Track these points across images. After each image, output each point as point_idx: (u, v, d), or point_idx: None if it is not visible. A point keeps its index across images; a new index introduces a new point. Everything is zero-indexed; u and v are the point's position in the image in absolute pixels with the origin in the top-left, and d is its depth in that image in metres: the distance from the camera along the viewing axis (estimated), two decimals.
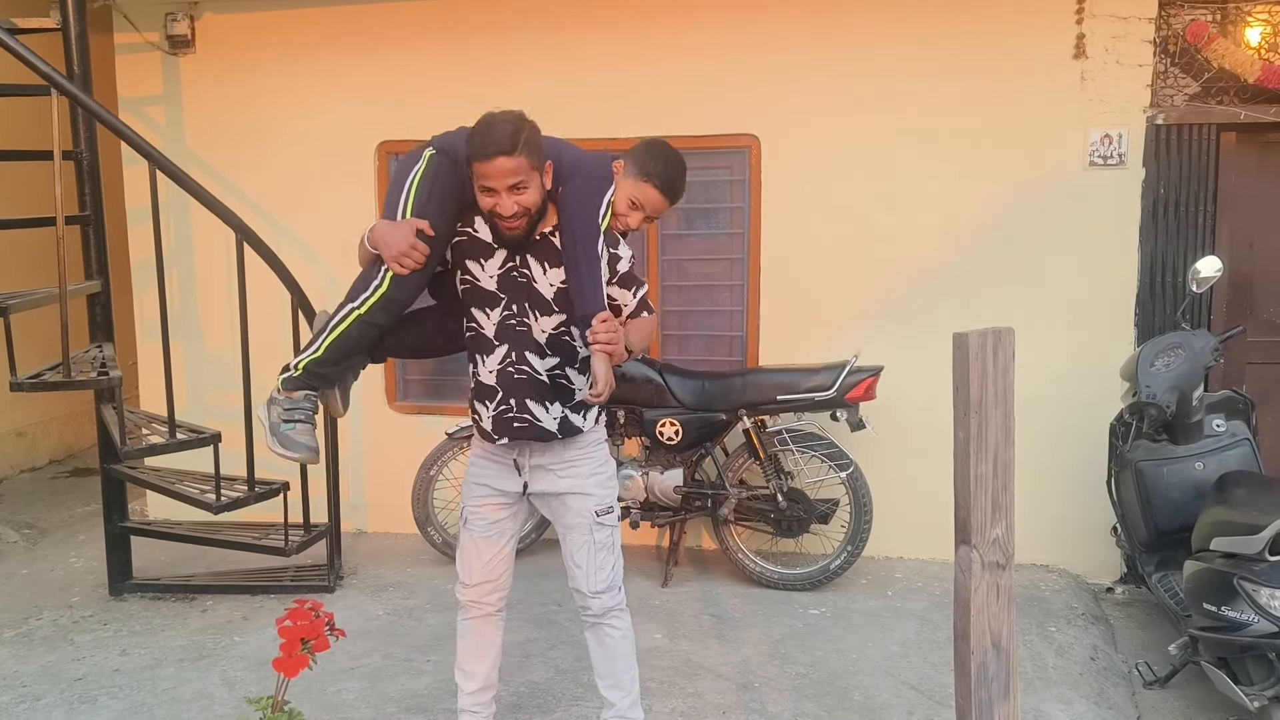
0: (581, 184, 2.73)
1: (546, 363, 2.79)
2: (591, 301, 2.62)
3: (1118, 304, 4.75)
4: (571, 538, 2.92)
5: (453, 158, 2.71)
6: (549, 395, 2.80)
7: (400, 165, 2.82)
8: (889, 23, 4.79)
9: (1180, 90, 4.67)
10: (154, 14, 5.35)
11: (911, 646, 4.06)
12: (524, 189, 2.57)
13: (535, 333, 2.77)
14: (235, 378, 4.40)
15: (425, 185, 2.71)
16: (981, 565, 1.92)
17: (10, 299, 4.02)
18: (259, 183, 5.41)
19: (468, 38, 5.16)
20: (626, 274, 2.84)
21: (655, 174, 2.88)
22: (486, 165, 2.52)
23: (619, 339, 2.58)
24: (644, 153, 2.91)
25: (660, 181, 2.89)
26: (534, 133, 2.58)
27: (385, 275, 2.69)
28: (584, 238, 2.66)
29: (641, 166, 2.88)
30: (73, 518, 5.86)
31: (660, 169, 2.88)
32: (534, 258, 2.74)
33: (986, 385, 1.90)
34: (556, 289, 2.74)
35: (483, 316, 2.79)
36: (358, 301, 2.73)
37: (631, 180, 2.87)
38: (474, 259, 2.77)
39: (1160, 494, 3.90)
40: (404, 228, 2.66)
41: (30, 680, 3.79)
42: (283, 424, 2.77)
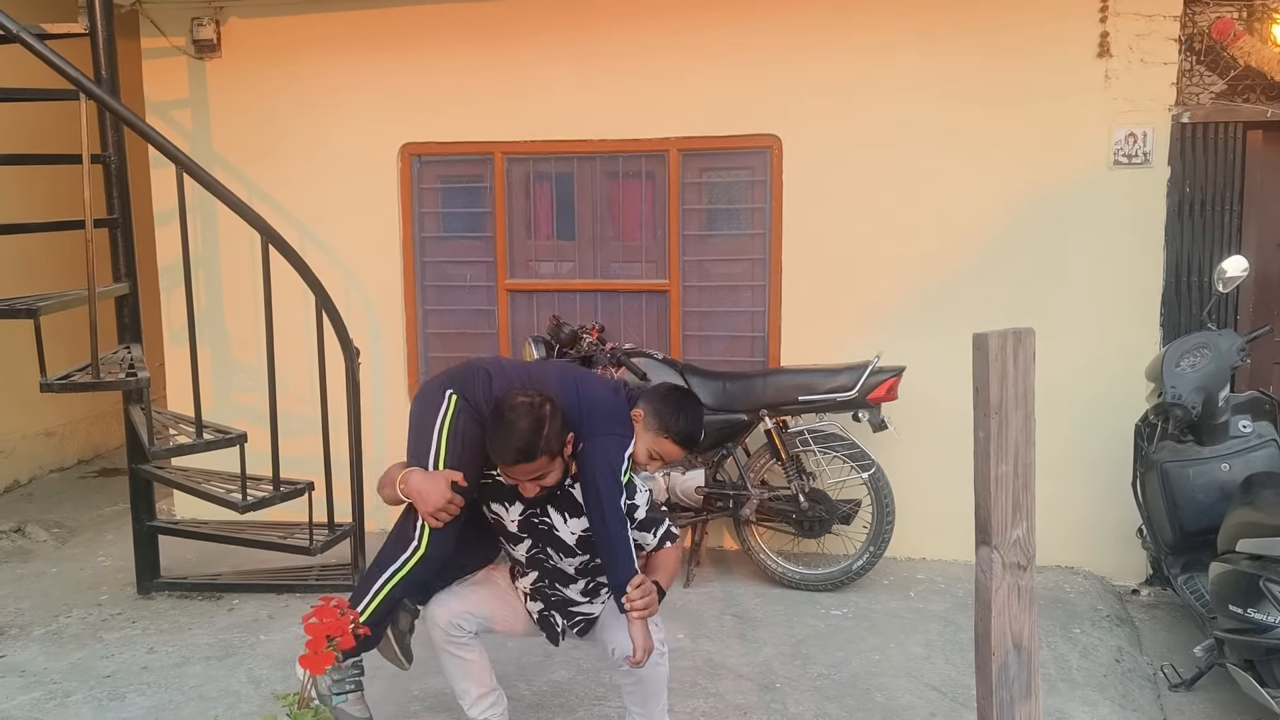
0: (603, 444, 2.74)
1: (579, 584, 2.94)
2: (624, 569, 2.66)
3: (1143, 304, 4.71)
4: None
5: (473, 402, 2.75)
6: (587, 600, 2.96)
7: (422, 406, 2.83)
8: (911, 22, 4.78)
9: (1206, 88, 4.64)
10: (180, 19, 5.41)
11: (934, 647, 4.05)
12: (546, 475, 2.64)
13: (563, 566, 2.88)
14: (261, 378, 4.45)
15: (455, 434, 2.74)
16: (1002, 566, 1.92)
17: (40, 301, 4.07)
18: (283, 185, 5.46)
19: (489, 40, 5.19)
20: (645, 519, 2.88)
21: (674, 430, 2.91)
22: (508, 468, 2.62)
23: (654, 600, 2.65)
24: (664, 407, 2.93)
25: (680, 437, 2.93)
26: (554, 422, 2.60)
27: (423, 534, 2.73)
28: (610, 505, 2.69)
29: (661, 421, 2.91)
30: (101, 517, 5.94)
31: (680, 425, 2.92)
32: (554, 509, 2.81)
33: (1007, 386, 1.90)
34: (578, 536, 2.81)
35: (510, 546, 2.91)
36: (398, 563, 2.77)
37: (651, 434, 2.91)
38: (498, 501, 2.86)
39: (1186, 495, 3.87)
40: (439, 481, 2.68)
41: (60, 677, 3.84)
42: (334, 696, 2.78)
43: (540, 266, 5.39)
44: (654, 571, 2.84)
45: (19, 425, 6.54)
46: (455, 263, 5.47)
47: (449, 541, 2.79)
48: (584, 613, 2.96)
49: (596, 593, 2.96)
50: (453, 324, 5.51)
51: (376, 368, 5.43)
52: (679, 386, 3.06)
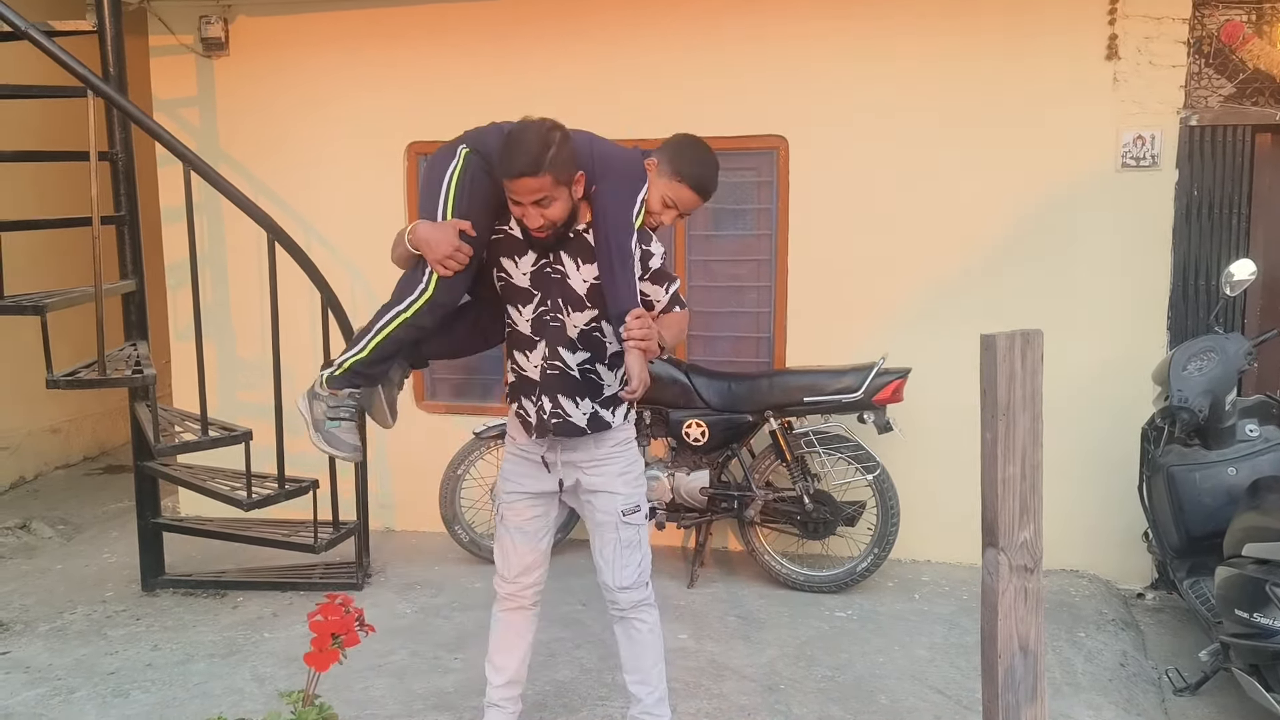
0: (615, 183, 2.73)
1: (578, 357, 2.82)
2: (625, 299, 2.63)
3: (1150, 307, 4.70)
4: (599, 534, 2.96)
5: (486, 156, 2.71)
6: (580, 391, 2.83)
7: (434, 163, 2.81)
8: (919, 23, 4.77)
9: (1214, 91, 4.62)
10: (188, 17, 5.42)
11: (939, 650, 4.04)
12: (549, 204, 2.58)
13: (568, 328, 2.80)
14: (266, 376, 4.45)
15: (464, 185, 2.71)
16: (1009, 568, 1.91)
17: (47, 298, 4.08)
18: (290, 183, 5.46)
19: (497, 39, 5.19)
20: (659, 270, 2.86)
21: (689, 173, 2.88)
22: (512, 183, 2.55)
23: (653, 335, 2.59)
24: (676, 151, 2.91)
25: (694, 180, 2.89)
26: (562, 147, 2.56)
27: (430, 278, 2.70)
28: (618, 237, 2.67)
29: (675, 165, 2.88)
30: (106, 514, 5.95)
31: (694, 168, 2.89)
32: (567, 255, 2.76)
33: (1014, 387, 1.89)
34: (589, 285, 2.76)
35: (517, 313, 2.83)
36: (404, 304, 2.74)
37: (665, 179, 2.88)
38: (509, 256, 2.80)
39: (1192, 499, 3.85)
40: (447, 229, 2.66)
41: (64, 674, 3.85)
42: (328, 421, 2.80)
43: None
44: (660, 327, 2.75)
45: (25, 422, 6.55)
46: None
47: (458, 290, 2.75)
48: (566, 411, 2.82)
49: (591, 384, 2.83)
50: None
51: None
52: (694, 136, 3.02)
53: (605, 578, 2.96)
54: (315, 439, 2.82)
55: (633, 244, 2.71)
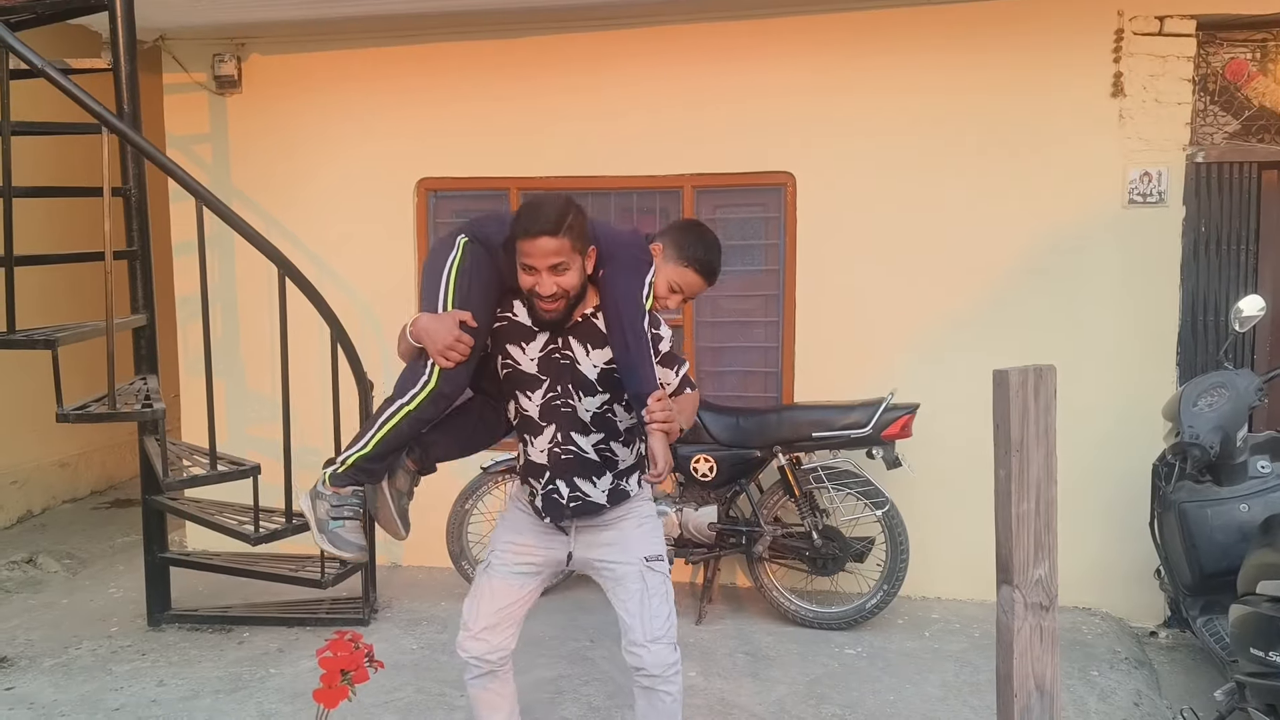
0: (624, 265, 2.73)
1: (591, 439, 2.79)
2: (646, 381, 2.60)
3: (1159, 343, 4.70)
4: (624, 588, 2.83)
5: (486, 244, 2.72)
6: (597, 470, 2.80)
7: (434, 254, 2.81)
8: (925, 62, 4.81)
9: (1220, 128, 4.65)
10: (202, 55, 5.49)
11: (950, 689, 4.00)
12: (565, 270, 2.57)
13: (580, 412, 2.77)
14: (275, 411, 4.46)
15: (464, 275, 2.70)
16: (1024, 606, 1.90)
17: (58, 332, 4.10)
18: (301, 219, 5.50)
19: (507, 78, 5.24)
20: (668, 354, 2.84)
21: (695, 259, 2.91)
22: (530, 243, 2.53)
23: (675, 416, 2.58)
24: (682, 236, 2.93)
25: (700, 265, 2.92)
26: (579, 217, 2.58)
27: (432, 370, 2.68)
28: (632, 319, 2.66)
29: (681, 251, 2.90)
30: (113, 548, 5.93)
31: (700, 254, 2.92)
32: (576, 339, 2.73)
33: (1028, 423, 1.88)
34: (600, 370, 2.73)
35: (526, 400, 2.79)
36: (407, 398, 2.71)
37: (671, 264, 2.90)
38: (514, 343, 2.77)
39: (1204, 536, 3.82)
40: (447, 320, 2.64)
41: (69, 709, 3.82)
42: (331, 521, 2.75)
43: None
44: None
45: (33, 455, 6.55)
46: None
47: (461, 380, 2.73)
48: (585, 492, 2.79)
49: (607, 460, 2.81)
50: None
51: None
52: (697, 219, 3.04)
53: (634, 634, 2.79)
54: (319, 539, 2.77)
55: (646, 325, 2.69)
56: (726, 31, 4.99)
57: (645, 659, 2.76)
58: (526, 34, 5.19)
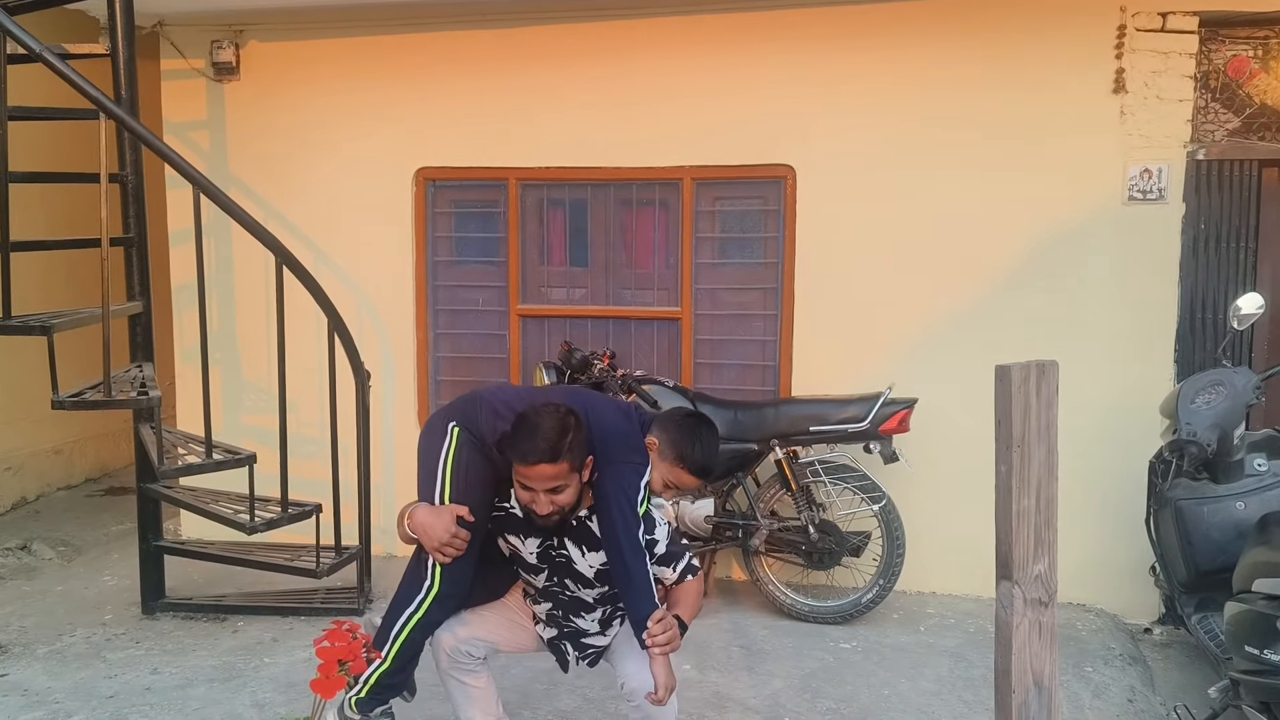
0: (619, 473, 2.69)
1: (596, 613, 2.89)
2: (644, 604, 2.60)
3: (1157, 340, 4.70)
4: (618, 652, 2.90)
5: (477, 434, 2.72)
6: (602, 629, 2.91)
7: (426, 441, 2.80)
8: (926, 55, 4.80)
9: (1221, 125, 4.65)
10: (200, 41, 5.46)
11: (945, 684, 4.00)
12: (562, 490, 2.57)
13: (581, 595, 2.84)
14: (271, 399, 4.44)
15: (459, 467, 2.71)
16: (1024, 602, 1.90)
17: (54, 319, 4.08)
18: (298, 207, 5.48)
19: (505, 67, 5.22)
20: (665, 553, 2.82)
21: (691, 459, 2.85)
22: (527, 470, 2.53)
23: (676, 636, 2.58)
24: (679, 435, 2.87)
25: (695, 467, 2.87)
26: (578, 433, 2.56)
27: (434, 572, 2.69)
28: (627, 537, 2.64)
29: (677, 450, 2.84)
30: (107, 536, 5.92)
31: (697, 454, 2.85)
32: (571, 542, 2.75)
33: (1030, 419, 1.88)
34: (596, 569, 2.76)
35: (529, 577, 2.85)
36: (413, 605, 2.73)
37: (667, 464, 2.85)
38: (514, 534, 2.81)
39: (1200, 533, 3.82)
40: (444, 516, 2.65)
41: (63, 697, 3.81)
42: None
43: (552, 292, 5.39)
44: (674, 605, 2.77)
45: (27, 442, 6.53)
46: (468, 287, 5.47)
47: (464, 579, 2.74)
48: (596, 645, 2.92)
49: (611, 622, 2.92)
50: (464, 348, 5.50)
51: (387, 391, 5.43)
52: (694, 412, 3.00)
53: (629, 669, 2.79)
54: None
55: (641, 534, 2.67)
56: (727, 24, 4.97)
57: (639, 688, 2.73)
58: (526, 24, 5.17)
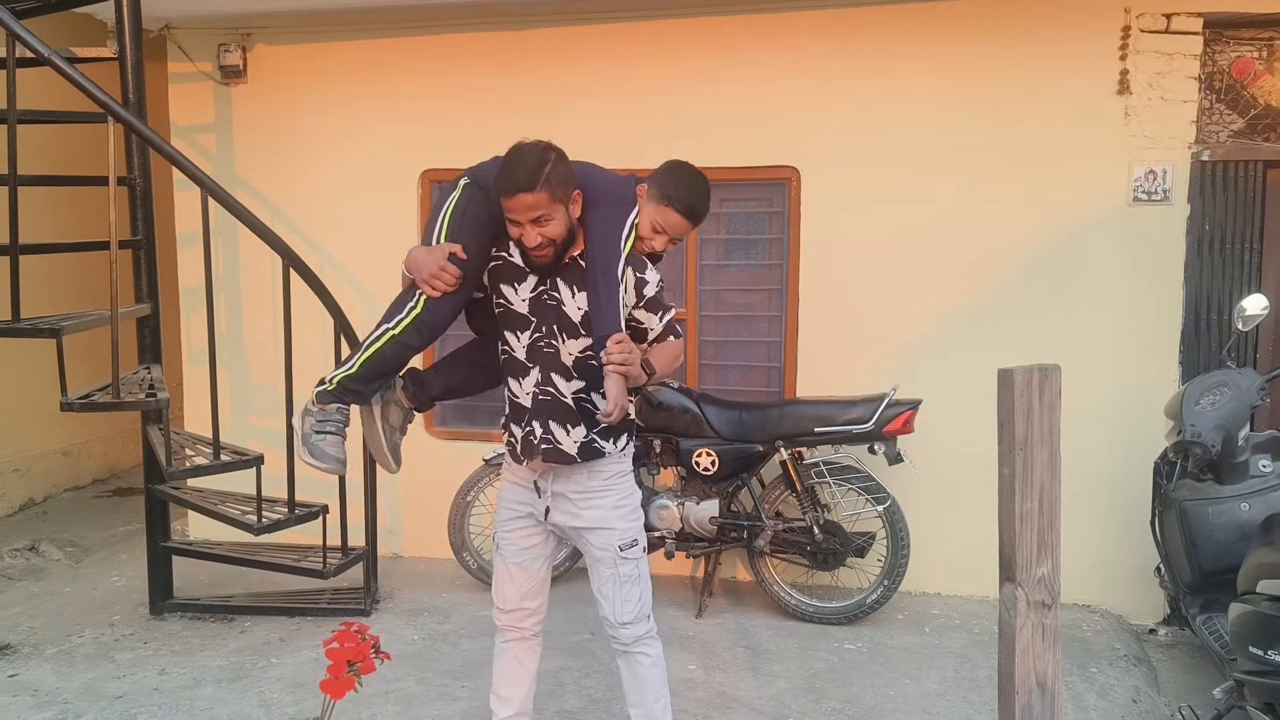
0: (606, 209, 2.75)
1: (572, 385, 2.81)
2: (608, 323, 2.63)
3: (1162, 341, 4.70)
4: (597, 570, 2.93)
5: (485, 186, 2.76)
6: (572, 418, 2.82)
7: (438, 198, 2.89)
8: (930, 57, 4.80)
9: (1226, 127, 4.65)
10: (207, 45, 5.49)
11: (950, 685, 4.01)
12: (547, 221, 2.59)
13: (563, 355, 2.80)
14: (278, 401, 4.46)
15: (459, 212, 2.78)
16: (1027, 604, 1.91)
17: (63, 321, 4.10)
18: (305, 209, 5.50)
19: (510, 69, 5.24)
20: (653, 298, 2.83)
21: (677, 197, 2.87)
22: (509, 200, 2.57)
23: (634, 359, 2.59)
24: (666, 176, 2.91)
25: (682, 205, 2.87)
26: (558, 165, 2.59)
27: (419, 298, 2.75)
28: (604, 262, 2.68)
29: (664, 190, 2.87)
30: (115, 536, 5.95)
31: (683, 193, 2.88)
32: (563, 282, 2.77)
33: (1032, 422, 1.89)
34: (584, 312, 2.76)
35: (514, 340, 2.84)
36: (392, 322, 2.78)
37: (654, 204, 2.87)
38: (507, 283, 2.82)
39: (1205, 534, 3.83)
40: (436, 252, 2.71)
41: (71, 697, 3.84)
42: (314, 434, 2.83)
43: None
44: (652, 356, 2.78)
45: (35, 444, 6.57)
46: None
47: (446, 312, 2.78)
48: (557, 438, 2.81)
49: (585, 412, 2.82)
50: None
51: None
52: (684, 161, 3.00)
53: (605, 613, 2.92)
54: (301, 452, 2.86)
55: (620, 269, 2.69)
56: (732, 26, 4.99)
57: (618, 633, 2.92)
58: (531, 26, 5.19)
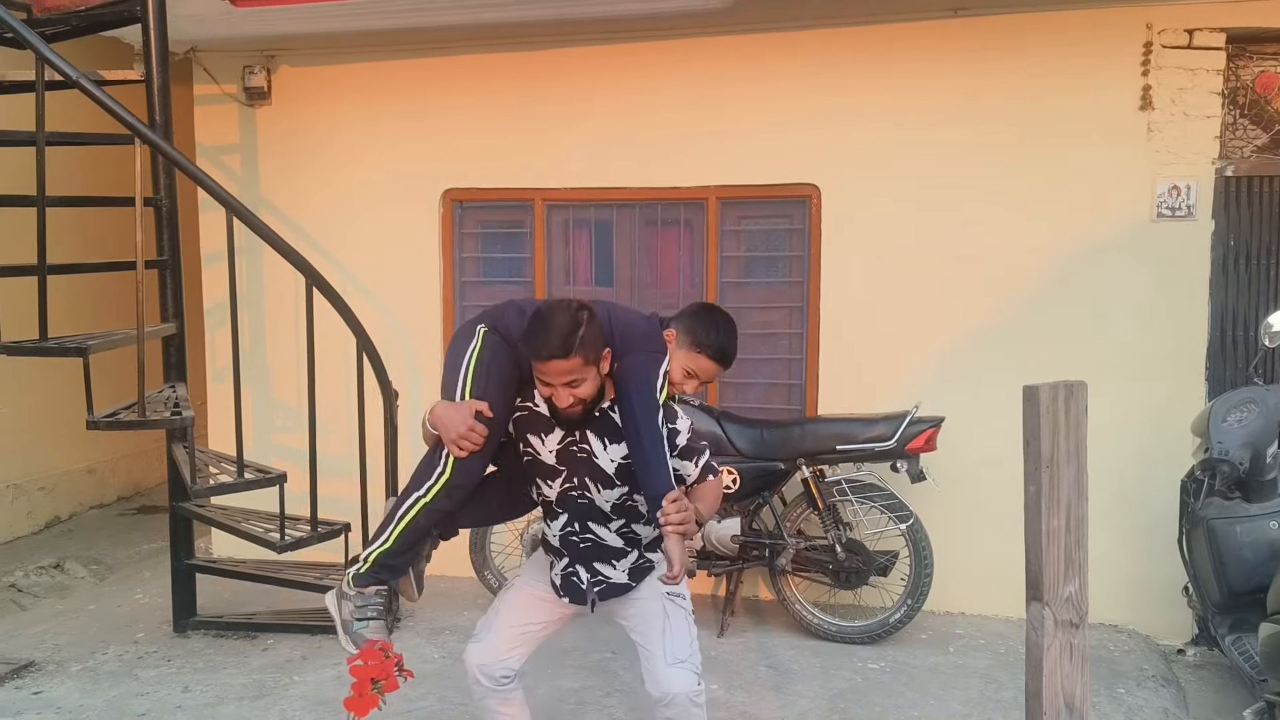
0: (637, 360, 2.70)
1: (613, 526, 2.81)
2: (661, 481, 2.58)
3: (1187, 358, 4.66)
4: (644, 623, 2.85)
5: (505, 335, 2.74)
6: (618, 554, 2.82)
7: (454, 343, 2.83)
8: (951, 72, 4.80)
9: (1250, 142, 4.62)
10: (232, 67, 5.55)
11: (974, 706, 3.97)
12: (580, 384, 2.58)
13: (598, 503, 2.78)
14: (301, 420, 4.48)
15: (482, 365, 2.73)
16: (1054, 623, 1.89)
17: (89, 340, 4.15)
18: (328, 229, 5.54)
19: (530, 90, 5.27)
20: (686, 446, 2.82)
21: (709, 344, 2.85)
22: (542, 365, 2.55)
23: (691, 517, 2.56)
24: (695, 321, 2.88)
25: (714, 351, 2.86)
26: (590, 326, 2.57)
27: (447, 461, 2.70)
28: (645, 418, 2.63)
29: (694, 336, 2.85)
30: (139, 554, 5.98)
31: (713, 338, 2.86)
32: (593, 434, 2.74)
33: (1059, 440, 1.88)
34: (618, 464, 2.74)
35: (545, 486, 2.82)
36: (423, 490, 2.74)
37: (685, 350, 2.85)
38: (534, 433, 2.78)
39: (1233, 553, 3.78)
40: (463, 409, 2.66)
41: (95, 715, 3.85)
42: (355, 622, 2.75)
43: None
44: (694, 501, 2.72)
45: (61, 462, 6.62)
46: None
47: (475, 472, 2.74)
48: (606, 575, 2.83)
49: (631, 543, 2.83)
50: None
51: (414, 411, 5.42)
52: (710, 304, 3.00)
53: (657, 659, 2.77)
54: (343, 641, 2.78)
55: (660, 422, 2.66)
56: (751, 44, 5.00)
57: (668, 685, 2.71)
58: (551, 46, 5.22)
